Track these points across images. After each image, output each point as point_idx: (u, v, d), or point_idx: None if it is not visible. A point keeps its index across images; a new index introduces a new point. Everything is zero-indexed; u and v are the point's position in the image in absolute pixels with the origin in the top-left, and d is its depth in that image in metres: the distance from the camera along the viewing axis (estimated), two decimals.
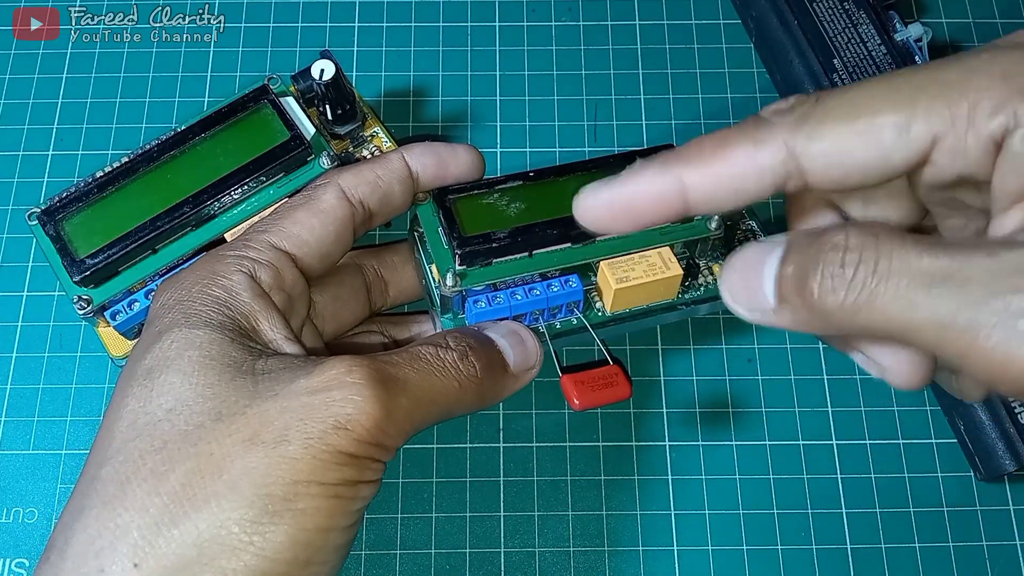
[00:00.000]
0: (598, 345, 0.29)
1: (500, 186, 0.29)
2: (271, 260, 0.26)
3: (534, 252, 0.28)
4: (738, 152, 0.21)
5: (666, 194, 0.22)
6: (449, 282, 0.27)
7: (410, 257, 0.32)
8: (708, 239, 0.30)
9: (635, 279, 0.28)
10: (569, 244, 0.28)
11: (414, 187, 0.29)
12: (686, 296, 0.30)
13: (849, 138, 0.20)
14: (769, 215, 0.40)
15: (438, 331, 0.29)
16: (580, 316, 0.29)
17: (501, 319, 0.28)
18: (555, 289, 0.28)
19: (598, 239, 0.29)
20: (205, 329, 0.24)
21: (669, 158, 0.22)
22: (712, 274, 0.31)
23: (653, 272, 0.28)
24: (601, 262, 0.29)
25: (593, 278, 0.30)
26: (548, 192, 0.29)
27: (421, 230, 0.29)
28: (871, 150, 0.20)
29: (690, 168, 0.21)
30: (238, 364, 0.24)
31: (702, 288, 0.30)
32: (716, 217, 0.29)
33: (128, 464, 0.22)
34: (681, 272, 0.29)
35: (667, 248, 0.29)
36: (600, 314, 0.30)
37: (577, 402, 0.27)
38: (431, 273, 0.29)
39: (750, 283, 0.21)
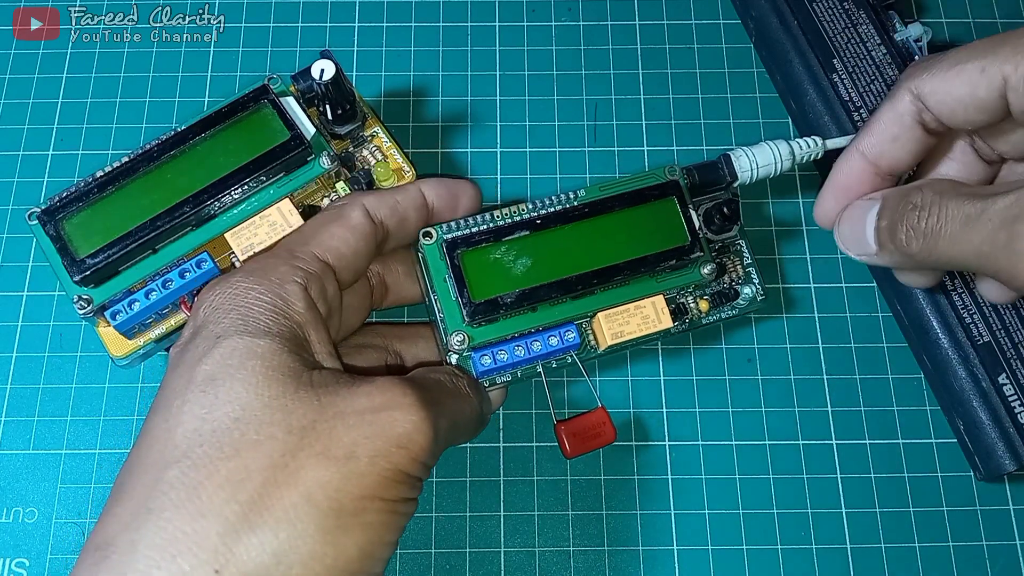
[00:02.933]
0: (588, 380, 0.33)
1: (507, 237, 0.30)
2: (318, 272, 0.27)
3: (537, 307, 0.30)
4: (884, 111, 0.28)
5: (856, 168, 0.29)
6: (456, 343, 0.29)
7: (413, 268, 0.32)
8: (701, 283, 0.32)
9: (629, 334, 0.30)
10: (570, 299, 0.30)
11: (428, 217, 0.31)
12: (672, 329, 0.31)
13: (951, 78, 0.25)
14: (769, 214, 0.40)
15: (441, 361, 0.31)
16: (575, 357, 0.31)
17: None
18: (554, 342, 0.30)
19: (598, 291, 0.30)
20: (265, 339, 0.25)
21: (854, 139, 0.29)
22: (699, 308, 0.32)
23: (646, 325, 0.31)
24: (598, 313, 0.30)
25: (590, 318, 0.31)
26: (553, 244, 0.30)
27: (424, 254, 0.30)
28: (964, 86, 0.25)
29: (863, 138, 0.28)
30: (297, 375, 0.24)
31: (688, 322, 0.32)
32: (709, 264, 0.31)
33: (199, 470, 0.22)
34: (672, 324, 0.31)
35: (660, 297, 0.31)
36: (594, 351, 0.31)
37: (569, 449, 0.30)
38: (435, 302, 0.30)
39: (856, 234, 0.28)
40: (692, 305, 0.32)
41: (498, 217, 0.30)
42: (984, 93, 0.25)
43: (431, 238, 0.30)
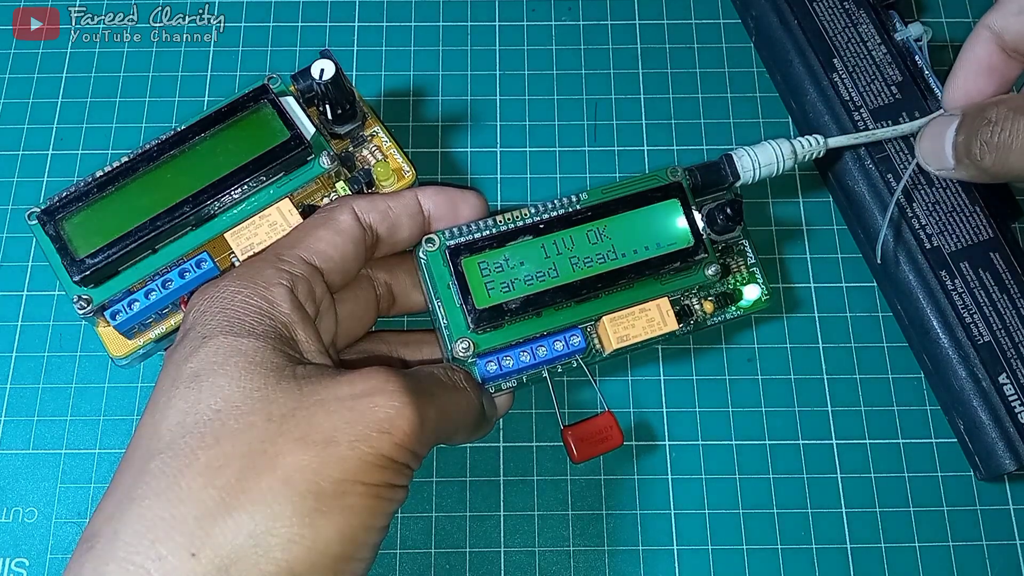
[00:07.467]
0: (594, 384, 0.33)
1: (512, 242, 0.29)
2: (305, 274, 0.28)
3: (542, 312, 0.30)
4: (964, 63, 0.30)
5: (981, 44, 0.29)
6: (461, 350, 0.29)
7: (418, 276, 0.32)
8: (706, 285, 0.32)
9: (634, 337, 0.30)
10: (575, 303, 0.30)
11: (424, 225, 0.31)
12: (677, 331, 0.31)
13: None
14: (770, 214, 0.40)
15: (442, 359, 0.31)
16: (580, 362, 0.31)
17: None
18: (560, 347, 0.30)
19: (602, 295, 0.30)
20: (249, 338, 0.25)
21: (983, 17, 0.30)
22: (704, 310, 0.32)
23: (651, 328, 0.31)
24: (603, 316, 0.30)
25: (595, 321, 0.31)
26: (557, 248, 0.30)
27: (426, 260, 0.30)
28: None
29: (990, 13, 0.29)
30: (280, 369, 0.25)
31: (692, 323, 0.32)
32: (714, 265, 0.31)
33: (180, 459, 0.23)
34: (677, 326, 0.31)
35: (665, 299, 0.31)
36: (599, 355, 0.32)
37: (576, 454, 0.30)
38: (439, 309, 0.30)
39: (936, 150, 0.29)
40: (696, 307, 0.32)
41: (500, 222, 0.30)
42: None
43: (433, 244, 0.30)
